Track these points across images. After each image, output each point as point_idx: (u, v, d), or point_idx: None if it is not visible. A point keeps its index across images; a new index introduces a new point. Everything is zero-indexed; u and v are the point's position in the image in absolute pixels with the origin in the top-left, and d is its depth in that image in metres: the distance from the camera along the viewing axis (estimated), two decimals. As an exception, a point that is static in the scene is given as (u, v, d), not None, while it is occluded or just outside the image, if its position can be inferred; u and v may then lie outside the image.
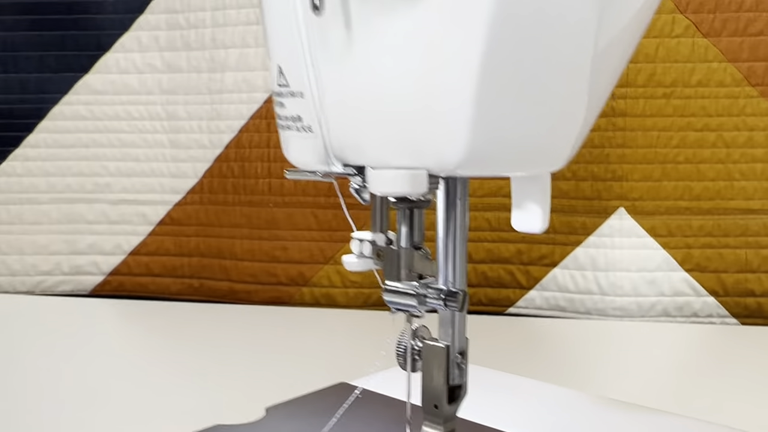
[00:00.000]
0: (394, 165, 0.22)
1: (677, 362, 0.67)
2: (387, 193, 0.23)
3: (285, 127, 0.25)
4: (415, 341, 0.29)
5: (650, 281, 0.80)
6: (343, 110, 0.23)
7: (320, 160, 0.23)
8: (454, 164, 0.21)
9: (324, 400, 0.33)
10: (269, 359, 0.65)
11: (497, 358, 0.53)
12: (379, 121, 0.22)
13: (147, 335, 0.76)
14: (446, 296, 0.26)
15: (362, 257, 0.25)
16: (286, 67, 0.23)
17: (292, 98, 0.24)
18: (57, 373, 0.60)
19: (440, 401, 0.28)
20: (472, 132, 0.21)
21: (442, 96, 0.21)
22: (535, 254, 0.82)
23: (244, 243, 0.88)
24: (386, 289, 0.27)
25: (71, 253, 0.91)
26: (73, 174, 0.90)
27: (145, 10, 0.88)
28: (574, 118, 0.23)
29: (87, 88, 0.90)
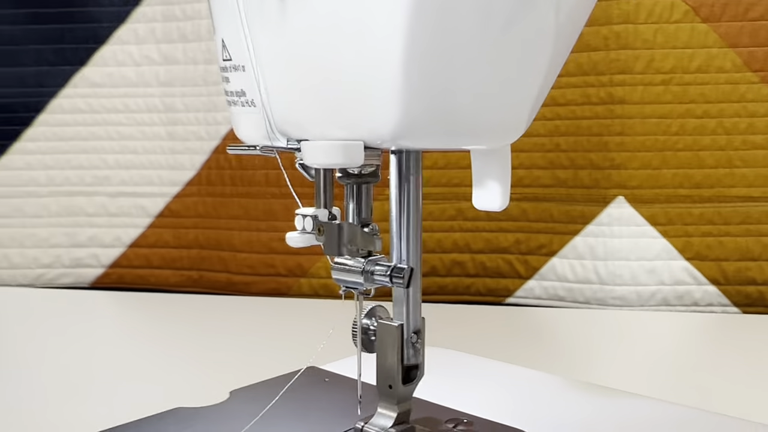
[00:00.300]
0: (332, 138, 0.21)
1: (678, 351, 0.66)
2: (321, 165, 0.22)
3: (231, 102, 0.25)
4: (371, 320, 0.29)
5: (650, 270, 0.79)
6: (282, 83, 0.23)
7: (265, 136, 0.23)
8: (387, 135, 0.21)
9: (292, 384, 0.33)
10: (263, 349, 0.65)
11: (495, 348, 0.53)
12: (316, 94, 0.22)
13: (146, 327, 0.77)
14: (392, 272, 0.26)
15: (304, 233, 0.25)
16: (228, 41, 0.23)
17: (235, 72, 0.24)
18: (57, 365, 0.60)
19: (394, 381, 0.28)
20: (402, 102, 0.21)
21: (371, 66, 0.21)
22: (534, 244, 0.82)
23: (242, 234, 0.88)
24: (334, 267, 0.27)
25: (71, 245, 0.91)
26: (72, 167, 0.91)
27: (142, 2, 0.88)
28: (515, 87, 0.23)
29: (85, 81, 0.90)
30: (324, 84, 0.22)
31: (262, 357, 0.62)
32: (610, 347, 0.67)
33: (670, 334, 0.72)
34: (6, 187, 0.92)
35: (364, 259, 0.26)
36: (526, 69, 0.23)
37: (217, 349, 0.65)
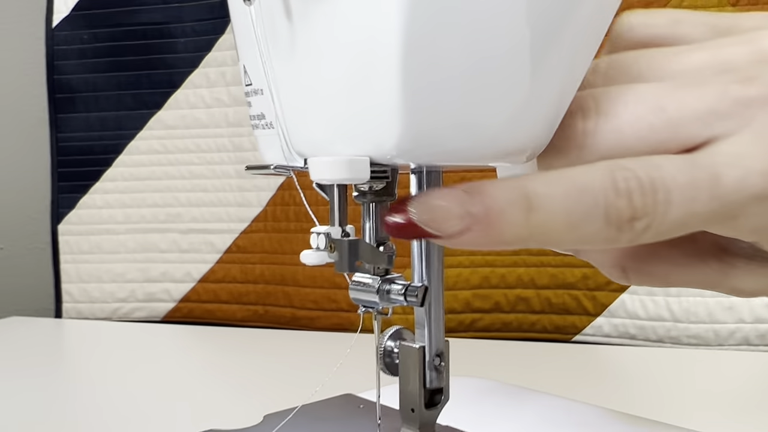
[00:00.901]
0: (341, 154, 0.22)
1: (759, 394, 0.62)
2: (327, 180, 0.23)
3: (254, 126, 0.25)
4: (395, 343, 0.28)
5: (728, 307, 0.74)
6: (294, 104, 0.23)
7: (284, 157, 0.24)
8: (392, 150, 0.21)
9: (325, 409, 0.33)
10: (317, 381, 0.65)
11: (563, 386, 0.51)
12: (324, 112, 0.22)
13: (212, 359, 0.78)
14: (406, 291, 0.26)
15: (318, 251, 0.25)
16: (249, 67, 0.24)
17: (255, 96, 0.24)
18: (126, 393, 0.63)
19: (416, 405, 0.27)
20: (403, 115, 0.21)
21: (372, 82, 0.21)
22: (602, 279, 0.79)
23: (306, 269, 0.89)
24: (351, 286, 0.27)
25: (145, 281, 0.95)
26: (147, 205, 0.95)
27: (213, 48, 0.92)
28: (533, 95, 0.22)
29: (160, 123, 0.95)
30: (330, 102, 0.22)
31: (311, 387, 0.62)
32: (684, 388, 0.63)
33: (750, 376, 0.68)
34: (87, 225, 0.97)
35: (380, 278, 0.26)
36: (542, 71, 0.22)
37: (272, 379, 0.66)
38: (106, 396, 0.61)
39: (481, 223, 0.22)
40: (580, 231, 0.22)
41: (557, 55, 0.22)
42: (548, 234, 0.22)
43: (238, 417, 0.53)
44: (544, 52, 0.22)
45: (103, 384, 0.65)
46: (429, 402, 0.28)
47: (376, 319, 0.28)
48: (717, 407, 0.57)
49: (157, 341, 0.86)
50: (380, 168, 0.22)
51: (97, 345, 0.85)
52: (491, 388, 0.39)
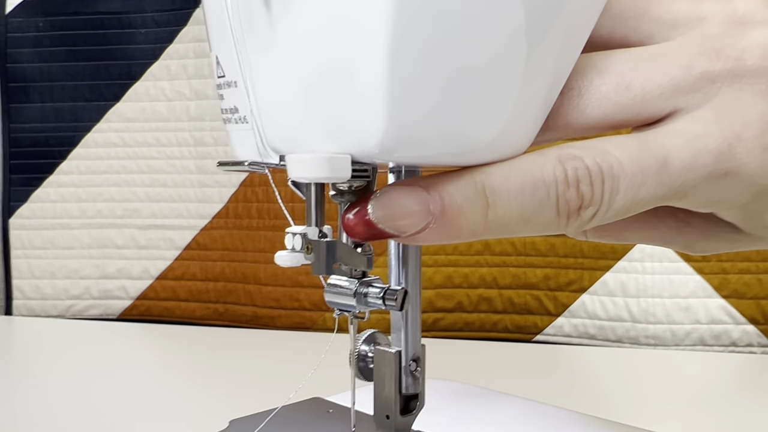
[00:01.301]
0: (320, 151, 0.21)
1: (714, 394, 0.63)
2: (306, 179, 0.22)
3: (226, 120, 0.24)
4: (370, 347, 0.28)
5: (684, 308, 0.76)
6: (270, 97, 0.22)
7: (259, 153, 0.23)
8: (374, 148, 0.20)
9: (293, 414, 0.32)
10: (279, 381, 0.64)
11: (525, 386, 0.51)
12: (303, 106, 0.21)
13: (169, 358, 0.77)
14: (384, 294, 0.25)
15: (293, 252, 0.24)
16: (222, 58, 0.23)
17: (228, 89, 0.23)
18: (79, 394, 0.61)
19: (392, 412, 0.27)
20: (388, 112, 0.20)
21: (356, 76, 0.20)
22: (563, 280, 0.80)
23: (267, 268, 0.88)
24: (327, 289, 0.26)
25: (100, 277, 0.92)
26: (104, 200, 0.93)
27: (174, 40, 0.90)
28: (518, 94, 0.22)
29: (118, 115, 0.92)
30: (310, 96, 0.21)
31: (276, 389, 0.61)
32: (642, 388, 0.64)
33: (705, 376, 0.69)
34: (40, 219, 0.94)
35: (357, 280, 0.26)
36: (531, 75, 0.22)
37: (235, 380, 0.65)
38: (58, 398, 0.59)
39: (439, 221, 0.22)
40: (533, 222, 0.23)
41: (545, 60, 0.22)
42: (504, 227, 0.23)
43: (201, 422, 0.51)
44: (533, 56, 0.22)
45: (55, 386, 0.63)
46: (404, 408, 0.27)
47: (353, 323, 0.27)
48: (674, 405, 0.58)
49: (112, 340, 0.84)
50: (361, 167, 0.22)
51: (49, 344, 0.82)
52: (464, 392, 0.39)
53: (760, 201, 0.25)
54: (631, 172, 0.23)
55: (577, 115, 0.24)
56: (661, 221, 0.29)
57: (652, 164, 0.24)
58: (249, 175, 0.89)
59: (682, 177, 0.24)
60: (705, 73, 0.24)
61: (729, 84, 0.24)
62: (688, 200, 0.25)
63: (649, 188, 0.24)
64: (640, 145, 0.24)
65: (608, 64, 0.25)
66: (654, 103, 0.24)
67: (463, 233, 0.22)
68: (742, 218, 0.26)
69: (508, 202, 0.22)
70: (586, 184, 0.23)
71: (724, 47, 0.24)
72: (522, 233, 0.23)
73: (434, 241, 0.22)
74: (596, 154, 0.23)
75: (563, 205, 0.23)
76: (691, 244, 0.30)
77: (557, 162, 0.23)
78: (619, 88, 0.24)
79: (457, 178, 0.22)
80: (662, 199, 0.24)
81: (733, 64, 0.24)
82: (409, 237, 0.22)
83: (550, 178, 0.23)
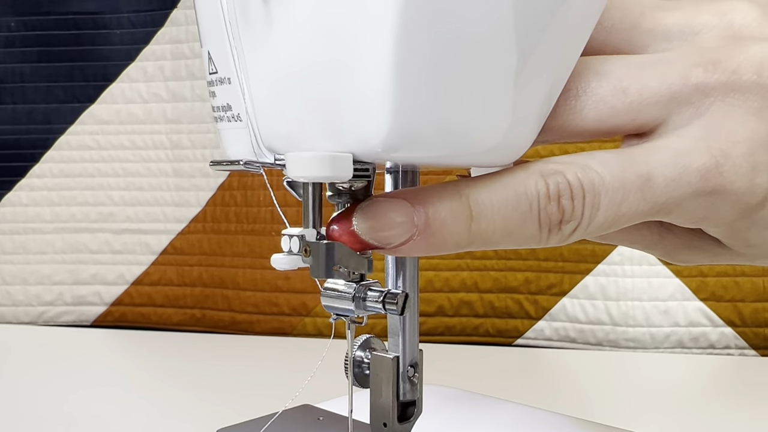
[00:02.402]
0: (320, 150, 0.20)
1: (693, 395, 0.64)
2: (307, 178, 0.21)
3: (218, 118, 0.23)
4: (365, 353, 0.27)
5: (663, 311, 0.76)
6: (267, 94, 0.21)
7: (252, 152, 0.22)
8: (378, 146, 0.20)
9: (282, 422, 0.32)
10: (261, 388, 0.63)
11: (504, 390, 0.51)
12: (301, 103, 0.20)
13: (146, 366, 0.75)
14: (384, 298, 0.25)
15: (290, 254, 0.23)
16: (214, 52, 0.22)
17: (221, 86, 0.22)
18: (53, 403, 0.59)
19: (389, 419, 0.26)
20: (393, 110, 0.19)
21: (360, 71, 0.19)
22: (544, 283, 0.80)
23: (246, 272, 0.87)
24: (323, 293, 0.26)
25: (74, 283, 0.90)
26: (77, 203, 0.91)
27: (151, 41, 0.89)
28: (523, 94, 0.21)
29: (93, 118, 0.90)
30: (310, 92, 0.20)
31: (259, 396, 0.60)
32: (623, 390, 0.65)
33: (684, 378, 0.70)
34: (11, 224, 0.91)
35: (356, 284, 0.25)
36: (533, 76, 0.21)
37: (215, 387, 0.63)
38: (30, 409, 0.57)
39: (422, 234, 0.22)
40: (516, 236, 0.23)
41: (545, 62, 0.22)
42: (487, 240, 0.23)
43: (179, 427, 0.50)
44: (533, 58, 0.21)
45: (27, 395, 0.61)
46: (401, 415, 0.26)
47: (350, 329, 0.27)
48: (654, 407, 0.58)
49: (86, 347, 0.82)
50: (362, 166, 0.21)
51: (20, 352, 0.80)
52: (456, 397, 0.38)
53: (746, 219, 0.25)
54: (612, 188, 0.23)
55: (573, 116, 0.24)
56: (645, 225, 0.29)
57: (634, 181, 0.24)
58: (227, 178, 0.87)
59: (666, 194, 0.24)
60: (700, 85, 0.24)
61: (722, 99, 0.24)
62: (674, 216, 0.25)
63: (631, 204, 0.24)
64: (624, 161, 0.24)
65: (606, 68, 0.25)
66: (649, 110, 0.24)
67: (447, 245, 0.22)
68: (728, 235, 0.26)
69: (492, 215, 0.22)
70: (567, 198, 0.23)
71: (721, 60, 0.24)
72: (504, 246, 0.23)
73: (418, 253, 0.22)
74: (578, 170, 0.23)
75: (544, 219, 0.23)
76: (671, 252, 0.30)
77: (539, 176, 0.23)
78: (617, 92, 0.24)
79: (442, 191, 0.22)
80: (646, 215, 0.24)
81: (729, 77, 0.24)
82: (393, 249, 0.22)
83: (532, 192, 0.23)
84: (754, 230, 0.26)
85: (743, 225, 0.25)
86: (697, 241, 0.28)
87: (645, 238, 0.29)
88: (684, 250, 0.29)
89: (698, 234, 0.28)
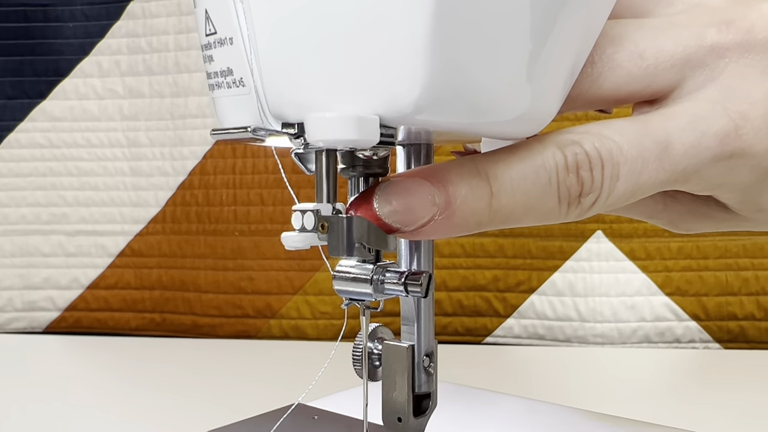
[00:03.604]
0: (339, 114, 0.18)
1: (660, 389, 0.64)
2: (327, 142, 0.19)
3: (215, 85, 0.21)
4: (374, 343, 0.25)
5: (630, 306, 0.77)
6: (278, 52, 0.19)
7: (257, 121, 0.20)
8: (409, 107, 0.18)
9: (275, 422, 0.30)
10: (229, 394, 0.61)
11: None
12: (321, 62, 0.19)
13: (104, 373, 0.72)
14: (406, 279, 0.23)
15: (304, 231, 0.21)
16: (213, 10, 0.20)
17: (220, 48, 0.20)
18: (5, 416, 0.55)
19: (404, 413, 0.24)
20: (428, 66, 0.18)
21: (392, 19, 0.18)
22: (512, 281, 0.80)
23: (208, 274, 0.84)
24: (336, 275, 0.24)
25: (24, 288, 0.86)
26: (28, 204, 0.86)
27: (106, 35, 0.85)
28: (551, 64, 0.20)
29: (44, 114, 0.86)
30: (333, 48, 0.18)
31: (229, 402, 0.58)
32: (591, 386, 0.65)
33: (651, 372, 0.70)
34: (-45, 226, 0.86)
35: (372, 265, 0.23)
36: (563, 41, 0.20)
37: (180, 395, 0.61)
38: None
39: (444, 213, 0.21)
40: (536, 211, 0.22)
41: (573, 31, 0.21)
42: (508, 217, 0.22)
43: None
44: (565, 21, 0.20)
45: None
46: (416, 409, 0.25)
47: (365, 315, 0.25)
48: (622, 401, 0.58)
49: (39, 355, 0.78)
50: (387, 131, 0.19)
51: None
52: (456, 392, 0.37)
53: (761, 183, 0.25)
54: (631, 158, 0.22)
55: (590, 84, 0.24)
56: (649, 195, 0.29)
57: (652, 149, 0.23)
58: (188, 177, 0.85)
59: (685, 161, 0.23)
60: (715, 46, 0.24)
61: (737, 59, 0.24)
62: (691, 184, 0.24)
63: (651, 174, 0.23)
64: (640, 129, 0.23)
65: (620, 32, 0.24)
66: (664, 74, 0.24)
67: (470, 224, 0.21)
68: (740, 200, 0.26)
69: (512, 191, 0.21)
70: (586, 169, 0.22)
71: (735, 19, 0.24)
72: (525, 222, 0.22)
73: (440, 235, 0.21)
74: (594, 139, 0.22)
75: (564, 192, 0.22)
76: (675, 221, 0.29)
77: (556, 148, 0.22)
78: (633, 57, 0.24)
79: (460, 167, 0.21)
80: (664, 184, 0.24)
81: (744, 36, 0.24)
82: (415, 231, 0.21)
83: (550, 164, 0.22)
84: (767, 195, 0.25)
85: (757, 189, 0.25)
86: (703, 208, 0.28)
87: (649, 207, 0.28)
88: (689, 218, 0.28)
89: (704, 201, 0.27)
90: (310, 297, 0.82)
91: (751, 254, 0.76)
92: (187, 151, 0.84)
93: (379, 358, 0.26)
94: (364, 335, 0.25)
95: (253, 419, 0.31)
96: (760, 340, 0.75)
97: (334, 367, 0.30)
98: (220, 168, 0.83)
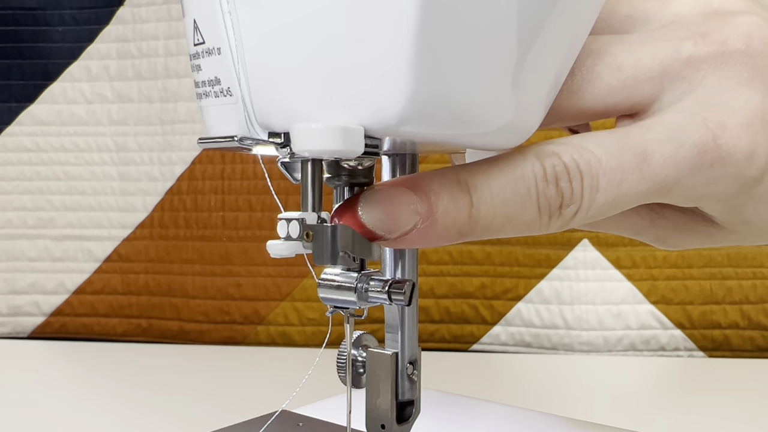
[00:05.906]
0: (324, 124, 0.19)
1: (644, 398, 0.64)
2: (312, 152, 0.19)
3: (203, 95, 0.22)
4: (358, 350, 0.26)
5: (616, 314, 0.78)
6: (265, 63, 0.19)
7: (244, 130, 0.20)
8: (393, 118, 0.18)
9: (259, 429, 0.30)
10: (216, 400, 0.60)
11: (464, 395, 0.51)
12: (307, 72, 0.19)
13: (90, 379, 0.71)
14: (390, 287, 0.23)
15: (289, 240, 0.21)
16: (201, 20, 0.20)
17: (208, 57, 0.21)
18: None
19: (388, 420, 0.25)
20: (413, 79, 0.18)
21: (378, 30, 0.18)
22: (499, 288, 0.80)
23: (195, 280, 0.84)
24: (321, 283, 0.24)
25: (10, 292, 0.85)
26: (14, 208, 0.86)
27: (95, 39, 0.85)
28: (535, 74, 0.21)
29: (32, 118, 0.86)
30: (320, 59, 0.19)
31: (213, 409, 0.58)
32: (578, 394, 0.65)
33: (636, 380, 0.71)
34: (-60, 230, 0.86)
35: (356, 273, 0.23)
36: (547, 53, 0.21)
37: (165, 401, 0.61)
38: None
39: (426, 222, 0.21)
40: (517, 221, 0.22)
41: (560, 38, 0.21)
42: (488, 227, 0.22)
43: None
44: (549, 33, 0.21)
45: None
46: (399, 416, 0.25)
47: (349, 322, 0.25)
48: (608, 409, 0.59)
49: (23, 360, 0.78)
50: (371, 142, 0.20)
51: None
52: (439, 399, 0.37)
53: (744, 195, 0.25)
54: (610, 169, 0.23)
55: (570, 96, 0.24)
56: (635, 211, 0.29)
57: (631, 160, 0.23)
58: (176, 182, 0.84)
59: (665, 171, 0.24)
60: (691, 58, 0.24)
61: (713, 71, 0.24)
62: (674, 195, 0.25)
63: (631, 184, 0.23)
64: (619, 140, 0.23)
65: (600, 46, 0.24)
66: (643, 87, 0.24)
67: (450, 234, 0.22)
68: (725, 212, 0.26)
69: (492, 201, 0.22)
70: (565, 180, 0.22)
71: (710, 32, 0.24)
72: (507, 233, 0.23)
73: (421, 244, 0.22)
74: (573, 151, 0.23)
75: (544, 203, 0.22)
76: (662, 237, 0.29)
77: (535, 159, 0.22)
78: (611, 69, 0.24)
79: (441, 177, 0.22)
80: (647, 195, 0.24)
81: (719, 48, 0.24)
82: (397, 239, 0.21)
83: (529, 175, 0.22)
84: (751, 206, 0.25)
85: (741, 201, 0.25)
86: (689, 224, 0.28)
87: (635, 224, 0.29)
88: (676, 234, 0.29)
89: (690, 215, 0.27)
90: (298, 303, 0.82)
91: (735, 263, 0.76)
92: (175, 157, 0.84)
93: (363, 365, 0.26)
94: (348, 343, 0.25)
95: (237, 426, 0.31)
96: (743, 349, 0.76)
97: (319, 374, 0.30)
98: (209, 174, 0.83)
